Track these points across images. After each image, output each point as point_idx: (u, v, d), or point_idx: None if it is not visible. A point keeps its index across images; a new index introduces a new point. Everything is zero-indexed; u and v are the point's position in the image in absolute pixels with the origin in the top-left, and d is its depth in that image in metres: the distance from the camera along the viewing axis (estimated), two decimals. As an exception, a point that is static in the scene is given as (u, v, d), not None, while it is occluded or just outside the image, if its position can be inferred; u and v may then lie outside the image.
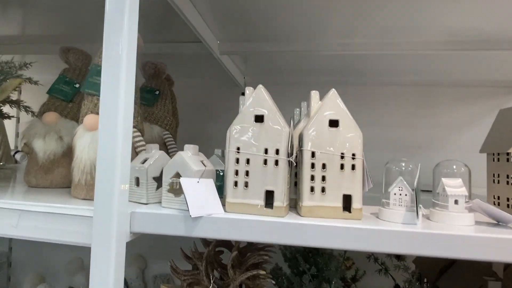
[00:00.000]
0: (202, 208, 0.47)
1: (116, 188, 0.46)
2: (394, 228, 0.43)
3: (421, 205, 0.48)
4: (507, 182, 0.58)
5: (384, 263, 0.75)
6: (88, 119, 0.59)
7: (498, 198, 0.60)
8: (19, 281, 1.39)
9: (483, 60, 0.98)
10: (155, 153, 0.58)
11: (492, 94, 1.19)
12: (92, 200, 0.46)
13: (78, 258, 1.30)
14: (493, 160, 0.62)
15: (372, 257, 0.77)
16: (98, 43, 0.49)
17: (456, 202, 0.50)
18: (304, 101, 0.65)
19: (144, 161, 0.57)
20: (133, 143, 0.62)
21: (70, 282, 1.26)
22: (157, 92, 0.84)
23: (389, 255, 0.60)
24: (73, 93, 0.77)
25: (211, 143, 0.74)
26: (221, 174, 0.63)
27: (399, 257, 0.60)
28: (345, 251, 0.65)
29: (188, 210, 0.46)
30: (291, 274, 0.81)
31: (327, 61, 1.05)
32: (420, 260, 0.87)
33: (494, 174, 0.62)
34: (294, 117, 0.66)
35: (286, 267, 0.88)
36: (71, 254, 1.30)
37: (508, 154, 0.58)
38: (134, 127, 0.63)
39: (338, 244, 0.43)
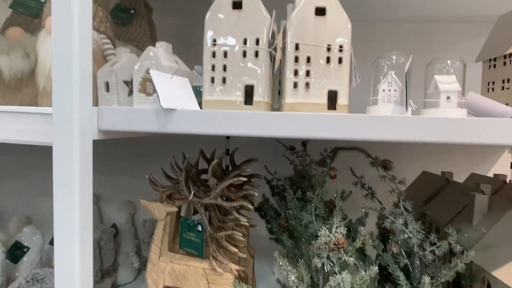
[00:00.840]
0: (175, 102, 0.43)
1: (75, 82, 0.41)
2: (382, 115, 0.40)
3: (411, 100, 0.45)
4: (502, 88, 0.55)
5: (371, 187, 0.74)
6: (50, 21, 0.53)
7: (492, 107, 0.57)
8: (6, 228, 1.38)
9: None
10: (125, 56, 0.53)
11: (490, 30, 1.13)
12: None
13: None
14: (489, 68, 0.58)
15: (359, 183, 0.76)
16: None
17: (448, 98, 0.47)
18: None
19: (113, 64, 0.52)
20: (102, 50, 0.57)
21: (58, 226, 1.25)
22: (132, 11, 0.77)
23: (375, 166, 0.58)
24: (39, 8, 0.70)
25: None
26: (201, 90, 0.59)
27: (385, 167, 0.58)
28: (330, 162, 0.63)
29: (160, 103, 0.42)
30: (277, 201, 0.80)
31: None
32: (408, 191, 0.87)
33: (488, 83, 0.58)
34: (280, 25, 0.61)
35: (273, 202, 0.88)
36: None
37: (505, 57, 0.54)
38: (102, 33, 0.57)
39: (323, 133, 0.40)
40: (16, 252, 1.03)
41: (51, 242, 1.23)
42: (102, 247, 1.24)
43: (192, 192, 0.55)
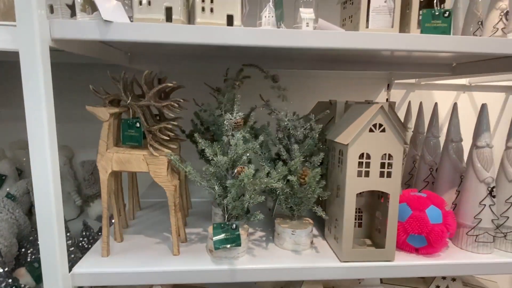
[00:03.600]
0: (113, 17, 0.59)
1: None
2: (264, 28, 0.62)
3: (282, 24, 0.67)
4: (351, 21, 0.81)
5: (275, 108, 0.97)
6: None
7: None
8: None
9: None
10: (65, -17, 0.65)
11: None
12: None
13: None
14: (343, 8, 0.84)
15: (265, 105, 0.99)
16: None
17: (307, 24, 0.70)
18: None
19: (56, -10, 0.64)
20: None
21: (-7, 169, 1.29)
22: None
23: (267, 78, 0.81)
24: None
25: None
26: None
27: (274, 79, 0.81)
28: (237, 76, 0.84)
29: (101, 16, 0.57)
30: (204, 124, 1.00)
31: None
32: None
33: (344, 19, 0.84)
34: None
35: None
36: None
37: (345, 2, 0.79)
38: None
39: (222, 40, 0.60)
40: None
41: None
42: (42, 185, 1.33)
43: (130, 97, 0.72)
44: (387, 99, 1.60)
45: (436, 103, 1.01)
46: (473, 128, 0.82)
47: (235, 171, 0.66)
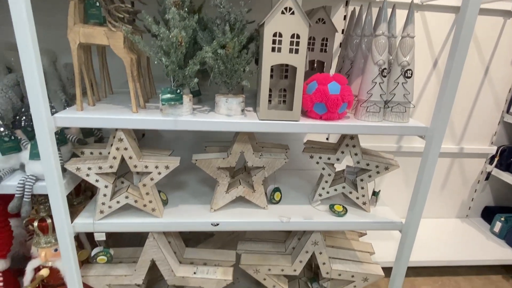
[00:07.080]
0: None
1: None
2: None
3: None
4: None
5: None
6: None
7: None
8: None
9: None
10: None
11: None
12: None
13: None
14: None
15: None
16: None
17: None
18: None
19: None
20: None
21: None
22: None
23: None
24: None
25: None
26: None
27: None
28: None
29: None
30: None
31: None
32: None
33: None
34: None
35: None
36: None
37: None
38: None
39: None
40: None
41: None
42: (30, 80, 1.52)
43: None
44: (344, 16, 1.74)
45: (361, 6, 1.17)
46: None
47: (171, 35, 0.85)
